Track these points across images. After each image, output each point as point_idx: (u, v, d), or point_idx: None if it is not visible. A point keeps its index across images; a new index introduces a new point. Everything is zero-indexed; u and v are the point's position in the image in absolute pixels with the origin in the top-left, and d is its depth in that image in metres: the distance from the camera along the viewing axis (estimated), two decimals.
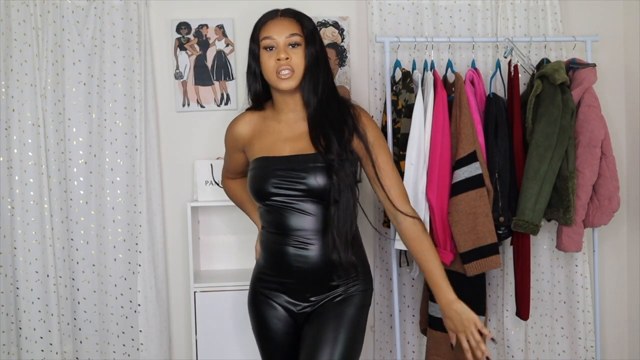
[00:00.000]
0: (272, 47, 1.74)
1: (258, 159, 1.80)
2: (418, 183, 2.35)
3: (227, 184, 2.14)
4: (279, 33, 1.73)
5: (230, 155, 1.98)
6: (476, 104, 2.43)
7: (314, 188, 1.71)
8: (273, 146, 1.79)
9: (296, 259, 1.75)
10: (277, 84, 1.73)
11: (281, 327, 1.81)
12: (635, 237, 2.91)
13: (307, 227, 1.73)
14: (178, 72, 2.73)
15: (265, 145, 1.81)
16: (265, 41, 1.74)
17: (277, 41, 1.73)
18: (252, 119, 1.87)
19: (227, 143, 1.95)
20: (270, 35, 1.74)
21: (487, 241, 2.31)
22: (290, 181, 1.72)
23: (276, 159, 1.76)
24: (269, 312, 1.82)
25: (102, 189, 2.62)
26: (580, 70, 2.47)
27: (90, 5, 2.62)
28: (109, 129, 2.62)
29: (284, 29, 1.74)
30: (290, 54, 1.72)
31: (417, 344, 2.78)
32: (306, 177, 1.72)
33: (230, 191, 2.15)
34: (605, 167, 2.45)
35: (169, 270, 2.77)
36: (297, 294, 1.79)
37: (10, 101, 2.56)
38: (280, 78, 1.72)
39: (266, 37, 1.74)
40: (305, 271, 1.75)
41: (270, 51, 1.74)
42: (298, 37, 1.74)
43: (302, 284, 1.77)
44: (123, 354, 2.65)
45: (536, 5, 2.78)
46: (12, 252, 2.57)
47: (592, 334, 2.78)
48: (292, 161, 1.74)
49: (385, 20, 2.74)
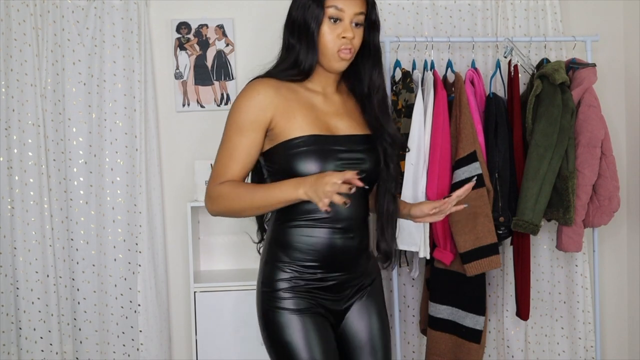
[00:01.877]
0: (337, 20, 1.55)
1: (311, 137, 1.54)
2: (418, 183, 2.35)
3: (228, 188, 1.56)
4: (349, 6, 1.55)
5: (246, 138, 1.56)
6: (476, 104, 2.43)
7: (371, 173, 1.59)
8: (322, 123, 1.58)
9: (344, 251, 1.60)
10: (334, 62, 1.57)
11: (331, 332, 1.63)
12: (635, 237, 2.91)
13: (354, 216, 1.59)
14: (178, 72, 2.73)
15: (311, 120, 1.56)
16: (332, 10, 1.54)
17: (344, 15, 1.55)
18: (279, 87, 1.58)
19: (245, 117, 1.55)
20: (340, 6, 1.54)
21: (487, 241, 2.31)
22: (350, 164, 1.54)
23: (335, 139, 1.57)
24: (321, 322, 1.59)
25: (102, 189, 2.62)
26: (580, 70, 2.47)
27: (90, 5, 2.62)
28: (109, 129, 2.62)
29: (354, 4, 1.56)
30: (354, 33, 1.58)
31: (417, 344, 2.78)
32: (365, 161, 1.59)
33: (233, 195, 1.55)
34: (605, 167, 2.45)
35: (169, 270, 2.77)
36: (341, 289, 1.63)
37: (10, 101, 2.56)
38: (340, 57, 1.57)
39: (334, 6, 1.54)
40: (349, 262, 1.62)
41: (334, 24, 1.55)
42: (363, 17, 1.59)
43: (347, 278, 1.63)
44: (123, 354, 2.64)
45: (536, 5, 2.78)
46: (12, 252, 2.57)
47: (592, 334, 2.78)
48: (352, 142, 1.59)
49: (385, 20, 2.74)
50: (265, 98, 1.55)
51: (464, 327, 2.40)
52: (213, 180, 1.58)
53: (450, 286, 2.41)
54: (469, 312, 2.39)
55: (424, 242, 2.36)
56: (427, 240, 2.37)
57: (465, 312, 2.40)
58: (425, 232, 2.36)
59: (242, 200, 1.54)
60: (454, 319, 2.41)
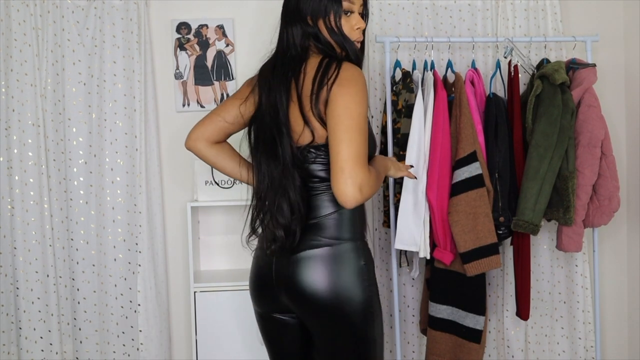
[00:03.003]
0: (349, 12, 1.64)
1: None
2: (418, 183, 2.35)
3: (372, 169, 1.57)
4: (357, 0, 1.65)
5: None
6: (476, 104, 2.43)
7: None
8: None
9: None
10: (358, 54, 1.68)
11: None
12: (635, 237, 2.91)
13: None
14: (178, 72, 2.73)
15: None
16: (347, 3, 1.62)
17: (355, 7, 1.64)
18: None
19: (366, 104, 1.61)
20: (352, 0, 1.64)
21: (487, 241, 2.31)
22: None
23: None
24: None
25: (102, 189, 2.62)
26: (580, 70, 2.47)
27: (90, 5, 2.62)
28: (109, 129, 2.62)
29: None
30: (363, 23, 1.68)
31: (417, 344, 2.78)
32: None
33: (374, 176, 1.57)
34: (605, 167, 2.45)
35: (169, 270, 2.77)
36: None
37: (10, 101, 2.57)
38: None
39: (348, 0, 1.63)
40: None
41: (347, 16, 1.64)
42: (363, 9, 1.69)
43: None
44: (123, 354, 2.65)
45: (536, 5, 2.78)
46: (12, 252, 2.57)
47: (592, 334, 2.78)
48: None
49: (385, 20, 2.74)
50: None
51: (464, 327, 2.40)
52: (363, 166, 1.48)
53: (450, 286, 2.41)
54: (469, 312, 2.39)
55: (424, 241, 2.36)
56: (427, 240, 2.37)
57: (465, 312, 2.40)
58: (426, 232, 2.36)
59: (377, 180, 1.57)
60: (454, 319, 2.41)
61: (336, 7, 1.60)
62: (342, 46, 1.62)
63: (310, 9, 1.61)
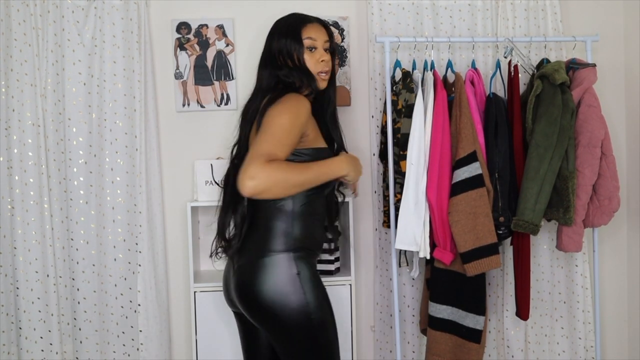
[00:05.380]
0: (312, 48, 1.88)
1: (326, 149, 1.90)
2: (418, 183, 2.35)
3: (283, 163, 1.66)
4: (319, 37, 1.89)
5: (299, 132, 1.75)
6: (476, 104, 2.43)
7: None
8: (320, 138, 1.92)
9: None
10: (319, 82, 1.90)
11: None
12: (635, 237, 2.91)
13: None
14: (178, 72, 2.73)
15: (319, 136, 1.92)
16: (308, 41, 1.87)
17: (317, 43, 1.88)
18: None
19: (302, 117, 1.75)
20: (313, 37, 1.88)
21: (487, 241, 2.31)
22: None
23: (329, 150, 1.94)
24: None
25: (102, 189, 2.62)
26: (580, 70, 2.47)
27: (90, 5, 2.62)
28: (109, 129, 2.62)
29: (322, 34, 1.91)
30: (328, 57, 1.90)
31: (417, 344, 2.78)
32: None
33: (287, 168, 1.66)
34: (605, 167, 2.45)
35: (169, 270, 2.77)
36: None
37: (10, 101, 2.56)
38: (320, 78, 1.89)
39: (309, 37, 1.87)
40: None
41: (311, 52, 1.88)
42: (329, 44, 1.92)
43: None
44: (123, 354, 2.65)
45: (536, 5, 2.78)
46: (12, 252, 2.57)
47: (592, 334, 2.78)
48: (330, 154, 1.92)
49: (385, 20, 2.74)
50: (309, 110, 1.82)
51: (464, 327, 2.40)
52: (261, 161, 1.60)
53: (450, 286, 2.41)
54: (469, 312, 2.39)
55: (424, 241, 2.36)
56: (427, 240, 2.37)
57: (465, 312, 2.40)
58: (426, 232, 2.36)
59: (299, 172, 1.69)
60: (454, 319, 2.41)
61: (298, 46, 1.86)
62: (301, 80, 1.86)
63: (278, 50, 1.88)
